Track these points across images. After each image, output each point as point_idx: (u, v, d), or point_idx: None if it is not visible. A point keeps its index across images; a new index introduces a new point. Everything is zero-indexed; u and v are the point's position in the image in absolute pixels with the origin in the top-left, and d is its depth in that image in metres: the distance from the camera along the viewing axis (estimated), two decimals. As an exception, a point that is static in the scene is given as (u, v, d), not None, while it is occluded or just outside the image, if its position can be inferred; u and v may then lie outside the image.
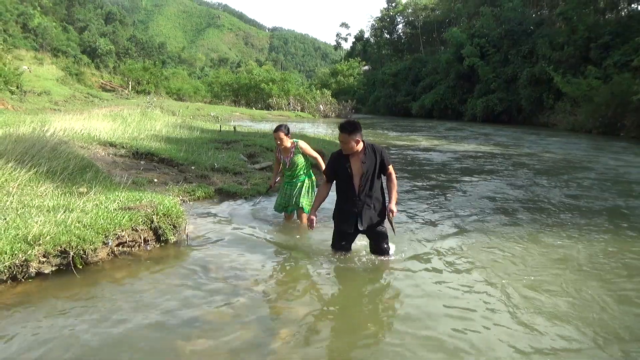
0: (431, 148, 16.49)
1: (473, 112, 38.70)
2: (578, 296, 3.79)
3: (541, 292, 3.83)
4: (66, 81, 36.49)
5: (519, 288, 3.91)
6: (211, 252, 4.66)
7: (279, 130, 5.43)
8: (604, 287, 4.00)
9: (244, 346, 2.99)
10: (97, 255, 4.12)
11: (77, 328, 3.09)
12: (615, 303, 3.68)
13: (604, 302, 3.68)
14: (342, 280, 4.14)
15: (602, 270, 4.40)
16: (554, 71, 29.63)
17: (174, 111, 24.93)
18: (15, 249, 3.67)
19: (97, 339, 2.96)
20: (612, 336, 3.17)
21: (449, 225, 5.95)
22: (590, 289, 3.92)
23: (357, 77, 67.62)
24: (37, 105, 25.67)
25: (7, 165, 5.85)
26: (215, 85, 56.12)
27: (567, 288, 3.93)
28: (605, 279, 4.18)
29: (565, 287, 3.96)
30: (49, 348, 2.83)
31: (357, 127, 4.15)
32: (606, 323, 3.34)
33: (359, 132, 4.15)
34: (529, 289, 3.89)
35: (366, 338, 3.13)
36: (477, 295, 3.77)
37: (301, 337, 3.09)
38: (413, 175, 10.18)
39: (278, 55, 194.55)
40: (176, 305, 3.47)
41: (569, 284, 4.01)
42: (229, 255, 4.58)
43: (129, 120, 13.65)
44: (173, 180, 7.57)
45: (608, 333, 3.20)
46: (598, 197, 7.94)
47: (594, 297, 3.78)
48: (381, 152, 4.27)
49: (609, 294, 3.85)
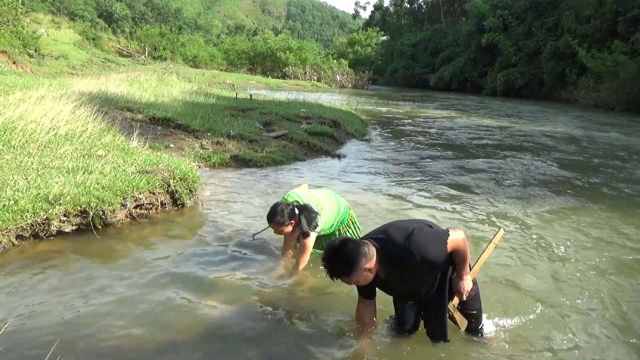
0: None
1: (493, 86, 37.87)
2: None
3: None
4: (83, 45, 36.42)
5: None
6: (226, 217, 4.72)
7: (273, 221, 3.33)
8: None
9: (257, 310, 3.05)
10: (116, 216, 4.20)
11: (94, 285, 3.18)
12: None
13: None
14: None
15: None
16: (579, 45, 28.71)
17: (190, 78, 24.81)
18: (36, 207, 3.76)
19: (111, 298, 3.05)
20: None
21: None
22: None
23: (375, 47, 66.34)
24: (55, 69, 25.74)
25: (28, 127, 5.94)
26: (231, 53, 55.58)
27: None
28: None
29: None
30: (68, 304, 2.93)
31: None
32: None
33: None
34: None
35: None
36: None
37: (317, 304, 3.14)
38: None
39: (295, 24, 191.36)
40: (191, 268, 3.55)
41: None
42: (244, 221, 4.63)
43: (146, 86, 13.67)
44: (189, 146, 7.61)
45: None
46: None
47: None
48: None
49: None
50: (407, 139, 11.36)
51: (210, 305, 3.02)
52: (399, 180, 6.90)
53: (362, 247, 2.27)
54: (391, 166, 7.99)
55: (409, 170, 7.68)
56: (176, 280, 3.32)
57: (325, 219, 3.48)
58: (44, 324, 2.67)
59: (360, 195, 5.89)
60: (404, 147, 10.23)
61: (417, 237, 2.31)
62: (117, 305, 2.94)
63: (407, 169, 7.74)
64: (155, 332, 2.69)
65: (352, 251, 2.24)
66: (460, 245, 2.40)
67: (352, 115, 13.50)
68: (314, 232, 3.38)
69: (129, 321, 2.77)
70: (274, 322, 2.92)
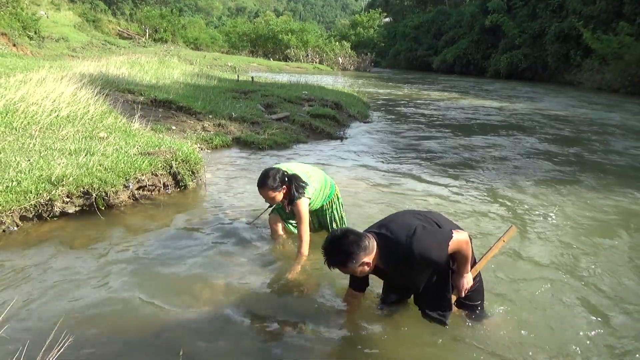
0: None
1: (496, 68, 37.51)
2: None
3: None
4: (83, 28, 36.11)
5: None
6: (228, 199, 4.73)
7: (264, 186, 3.22)
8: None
9: (259, 287, 3.08)
10: (119, 197, 4.22)
11: (99, 265, 3.21)
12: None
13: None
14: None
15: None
16: (584, 27, 28.31)
17: (191, 60, 24.67)
18: (39, 188, 3.78)
19: (115, 278, 3.08)
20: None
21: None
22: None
23: (378, 29, 65.53)
24: (55, 51, 25.57)
25: (29, 109, 5.93)
26: (233, 35, 55.10)
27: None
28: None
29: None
30: (72, 283, 2.96)
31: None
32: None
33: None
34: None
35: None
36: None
37: (320, 280, 3.17)
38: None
39: (297, 5, 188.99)
40: (194, 249, 3.57)
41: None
42: (246, 201, 4.64)
43: (147, 68, 13.59)
44: (191, 128, 7.60)
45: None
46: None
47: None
48: None
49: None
50: (408, 121, 11.32)
51: (213, 285, 3.05)
52: (400, 161, 6.90)
53: (364, 240, 2.26)
54: (393, 147, 7.98)
55: (410, 151, 7.68)
56: (179, 261, 3.34)
57: (314, 187, 3.42)
58: (48, 303, 2.70)
59: (362, 176, 5.89)
60: (405, 128, 10.19)
61: (419, 237, 2.29)
62: (120, 285, 2.97)
63: (408, 150, 7.74)
64: (159, 311, 2.72)
65: (352, 243, 2.23)
66: (463, 247, 2.37)
67: (355, 97, 13.42)
68: (306, 197, 3.32)
69: (132, 301, 2.80)
70: (275, 301, 2.95)
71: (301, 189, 3.29)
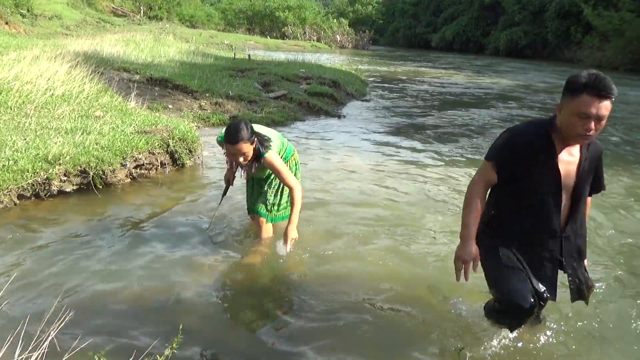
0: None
1: (496, 45, 37.20)
2: None
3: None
4: (77, 5, 35.47)
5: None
6: (226, 177, 4.73)
7: (241, 139, 2.76)
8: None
9: (259, 263, 3.11)
10: (116, 176, 4.22)
11: (96, 243, 3.23)
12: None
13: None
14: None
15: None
16: (585, 3, 27.98)
17: (187, 38, 24.28)
18: (36, 167, 3.77)
19: (112, 255, 3.10)
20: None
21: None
22: None
23: (376, 6, 64.66)
24: (49, 29, 25.16)
25: (24, 88, 5.87)
26: (229, 13, 54.30)
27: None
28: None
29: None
30: (70, 260, 2.98)
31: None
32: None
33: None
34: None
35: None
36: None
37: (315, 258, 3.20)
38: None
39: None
40: (191, 228, 3.59)
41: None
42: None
43: (142, 46, 13.42)
44: (188, 107, 7.55)
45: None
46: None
47: None
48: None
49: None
50: (406, 99, 11.27)
51: (212, 261, 3.08)
52: (397, 137, 6.95)
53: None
54: (390, 125, 7.98)
55: (408, 127, 7.72)
56: (178, 240, 3.36)
57: (276, 144, 3.06)
58: (48, 279, 2.72)
59: (360, 152, 5.92)
60: (403, 106, 10.15)
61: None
62: (120, 261, 2.99)
63: (406, 127, 7.78)
64: (158, 286, 2.74)
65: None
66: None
67: (353, 75, 13.31)
68: (275, 150, 2.99)
69: (132, 277, 2.82)
70: (270, 279, 2.98)
71: (266, 142, 2.95)
